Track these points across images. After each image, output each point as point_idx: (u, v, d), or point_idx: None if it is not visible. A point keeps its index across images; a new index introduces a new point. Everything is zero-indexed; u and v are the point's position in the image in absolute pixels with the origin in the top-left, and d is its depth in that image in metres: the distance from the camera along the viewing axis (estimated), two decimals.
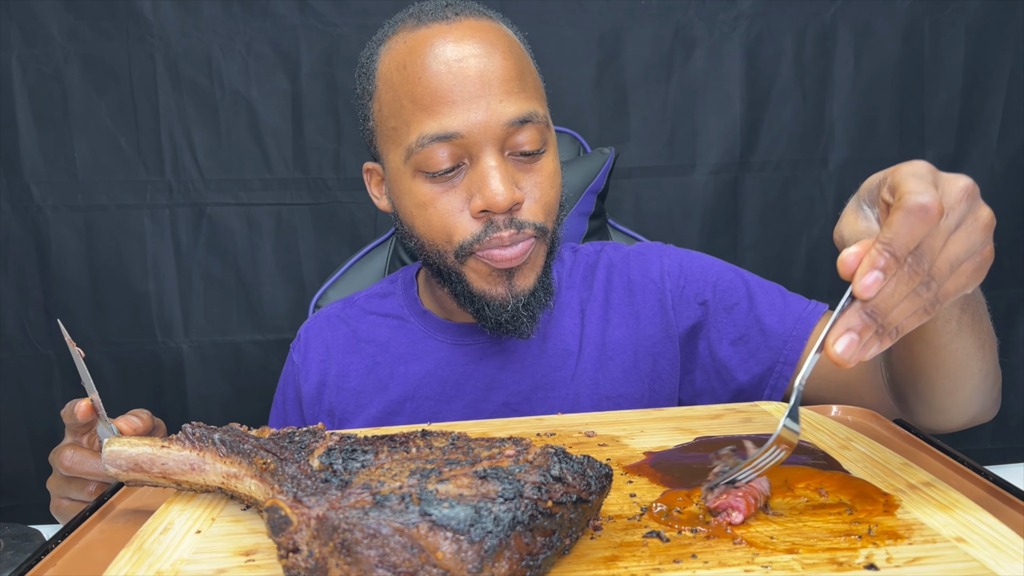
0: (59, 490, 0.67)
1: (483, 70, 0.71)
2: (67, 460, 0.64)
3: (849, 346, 0.44)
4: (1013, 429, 1.56)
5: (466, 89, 0.71)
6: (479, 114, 0.71)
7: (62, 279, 1.43)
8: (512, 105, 0.72)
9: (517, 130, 0.72)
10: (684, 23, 1.43)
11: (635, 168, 1.46)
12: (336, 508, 0.40)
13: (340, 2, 1.40)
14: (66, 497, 0.67)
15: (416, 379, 0.86)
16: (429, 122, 0.71)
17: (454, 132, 0.71)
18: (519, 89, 0.73)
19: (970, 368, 0.66)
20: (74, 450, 0.65)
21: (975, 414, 0.72)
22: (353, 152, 1.44)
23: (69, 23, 1.36)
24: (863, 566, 0.41)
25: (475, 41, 0.72)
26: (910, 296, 0.45)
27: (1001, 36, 1.45)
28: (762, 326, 0.83)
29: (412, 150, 0.73)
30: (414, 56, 0.73)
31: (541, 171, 0.75)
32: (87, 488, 0.65)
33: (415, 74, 0.72)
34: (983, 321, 0.65)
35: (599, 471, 0.45)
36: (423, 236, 0.77)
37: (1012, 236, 1.49)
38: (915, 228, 0.44)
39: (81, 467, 0.64)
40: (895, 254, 0.43)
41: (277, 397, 0.96)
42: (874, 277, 0.43)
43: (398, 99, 0.74)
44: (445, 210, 0.74)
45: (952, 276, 0.47)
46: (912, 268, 0.44)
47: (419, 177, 0.74)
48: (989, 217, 0.49)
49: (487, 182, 0.71)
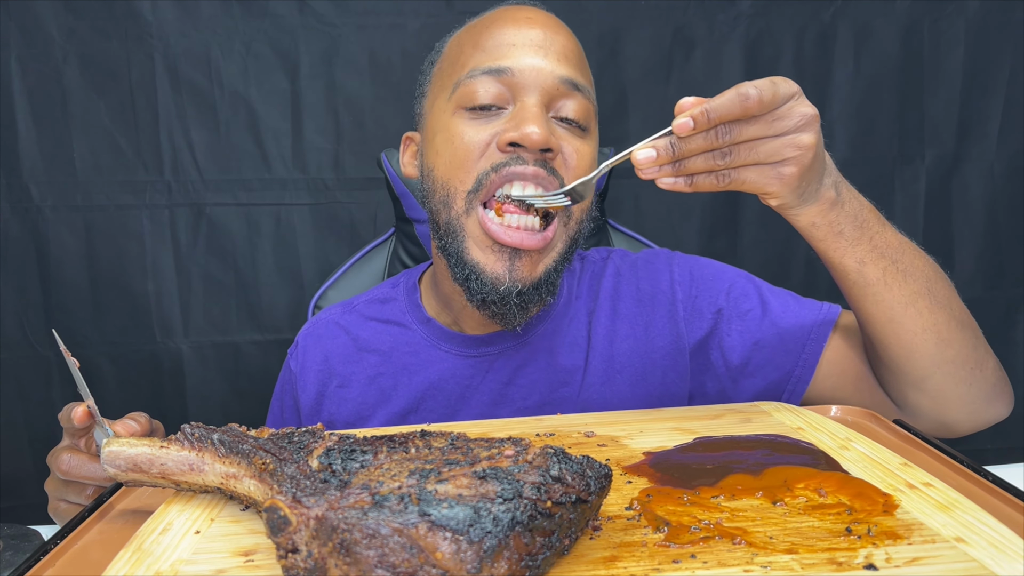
0: (57, 492, 0.67)
1: (547, 30, 0.74)
2: (64, 464, 0.64)
3: (648, 158, 0.58)
4: (1013, 429, 1.55)
5: (528, 37, 0.73)
6: (535, 60, 0.72)
7: (61, 279, 1.42)
8: (569, 68, 0.73)
9: (568, 93, 0.73)
10: (684, 23, 1.43)
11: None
12: (335, 508, 0.40)
13: (340, 2, 1.40)
14: (64, 500, 0.66)
15: (420, 391, 0.83)
16: (485, 59, 0.73)
17: (507, 67, 0.72)
18: (578, 63, 0.75)
19: (912, 325, 0.69)
20: (71, 454, 0.64)
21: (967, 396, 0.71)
22: (352, 152, 1.44)
23: (68, 23, 1.36)
24: (862, 566, 0.41)
25: (546, 17, 0.76)
26: (706, 157, 0.58)
27: (1001, 36, 1.45)
28: (778, 331, 0.81)
29: (460, 82, 0.73)
30: (485, 19, 0.76)
31: (581, 147, 0.74)
32: (85, 491, 0.65)
33: (482, 26, 0.75)
34: (905, 280, 0.68)
35: (598, 471, 0.45)
36: (441, 176, 0.74)
37: (1012, 236, 1.49)
38: (732, 106, 0.56)
39: (79, 471, 0.64)
40: (709, 116, 0.56)
41: (274, 404, 0.94)
42: (684, 121, 0.56)
43: (460, 47, 0.76)
44: (472, 141, 0.72)
45: (753, 159, 0.59)
46: (718, 134, 0.57)
47: (459, 113, 0.73)
48: (809, 116, 0.59)
49: (526, 117, 0.70)
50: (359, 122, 1.44)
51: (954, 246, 1.50)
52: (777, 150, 0.59)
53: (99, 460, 0.64)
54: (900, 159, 1.48)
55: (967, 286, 1.51)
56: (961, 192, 1.49)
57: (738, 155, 0.58)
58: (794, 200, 0.63)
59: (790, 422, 0.66)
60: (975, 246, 1.50)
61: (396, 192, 1.13)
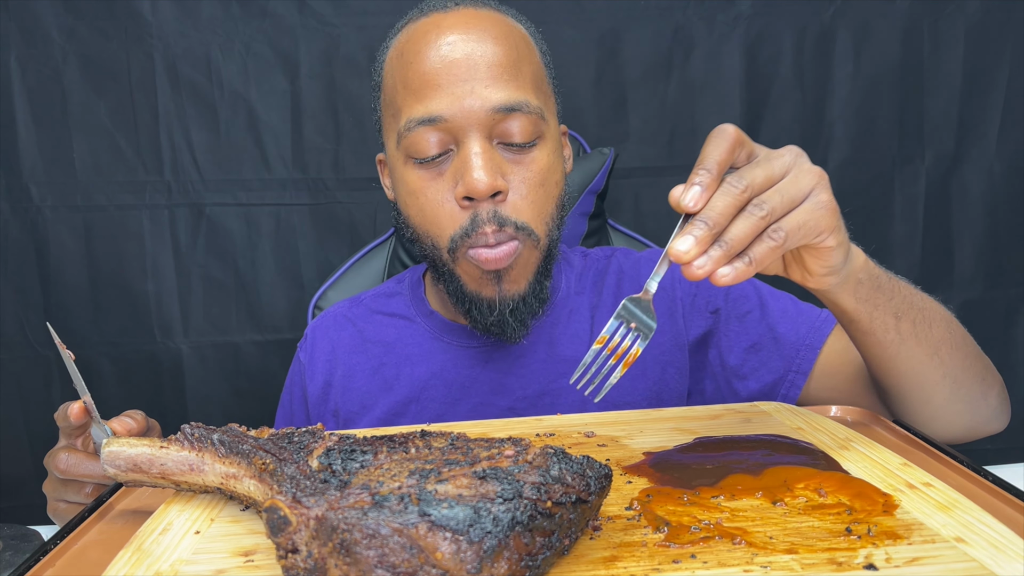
0: (55, 493, 0.67)
1: (471, 54, 0.71)
2: (62, 463, 0.64)
3: (690, 248, 0.48)
4: (1013, 429, 1.54)
5: (452, 72, 0.70)
6: (463, 98, 0.70)
7: (61, 280, 1.42)
8: (500, 91, 0.71)
9: (504, 117, 0.71)
10: (683, 23, 1.43)
11: (635, 168, 1.46)
12: (335, 508, 0.40)
13: (339, 2, 1.39)
14: (63, 500, 0.66)
15: (422, 381, 0.85)
16: (417, 106, 0.71)
17: (438, 115, 0.70)
18: (510, 77, 0.72)
19: (929, 376, 0.68)
20: (69, 453, 0.64)
21: (968, 424, 0.73)
22: (352, 152, 1.44)
23: (68, 23, 1.36)
24: (862, 566, 0.41)
25: (467, 28, 0.72)
26: (745, 216, 0.50)
27: (1000, 36, 1.45)
28: (775, 334, 0.82)
29: (401, 134, 0.73)
30: (410, 44, 0.74)
31: (531, 165, 0.73)
32: (83, 490, 0.65)
33: (408, 60, 0.73)
34: (930, 329, 0.67)
35: (598, 471, 0.45)
36: (417, 226, 0.77)
37: (1012, 236, 1.48)
38: (718, 144, 0.51)
39: (77, 470, 0.64)
40: (708, 169, 0.50)
41: (284, 396, 0.96)
42: (693, 191, 0.50)
43: (394, 85, 0.74)
44: (434, 198, 0.73)
45: (790, 208, 0.52)
46: (732, 184, 0.50)
47: (409, 163, 0.74)
48: (818, 169, 0.54)
49: (468, 167, 0.70)
50: (359, 122, 1.44)
51: (954, 246, 1.50)
52: (797, 180, 0.53)
53: (97, 458, 0.64)
54: (900, 159, 1.48)
55: (967, 286, 1.51)
56: (961, 192, 1.49)
57: (770, 200, 0.51)
58: (844, 240, 0.58)
59: (790, 422, 0.66)
60: (975, 246, 1.50)
61: None
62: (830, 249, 0.56)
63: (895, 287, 0.65)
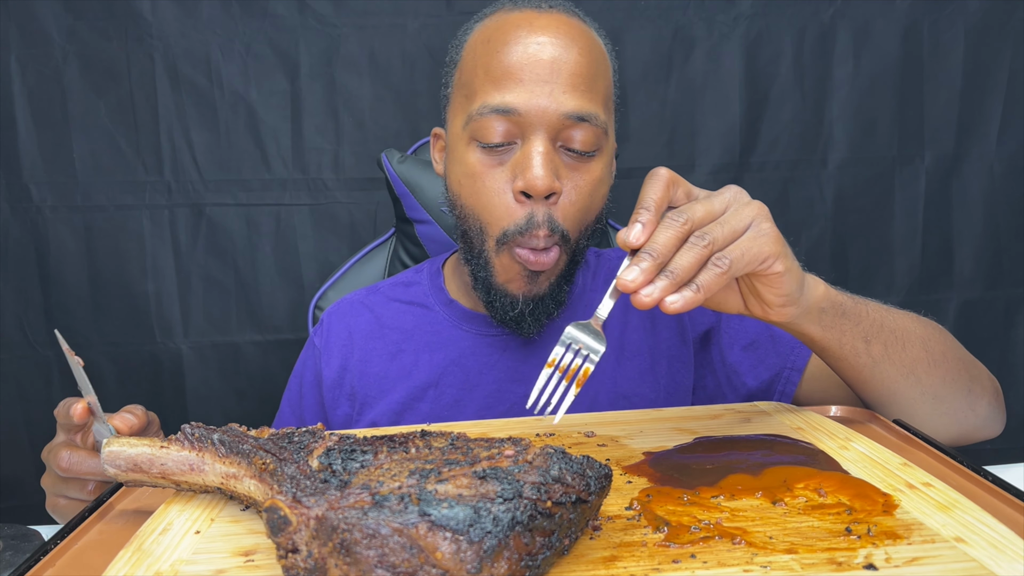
0: (55, 488, 0.66)
1: (556, 58, 0.74)
2: (64, 461, 0.64)
3: (636, 277, 0.52)
4: (1013, 429, 1.55)
5: (535, 71, 0.73)
6: (541, 98, 0.73)
7: (61, 280, 1.42)
8: (575, 99, 0.74)
9: (573, 125, 0.74)
10: (683, 23, 1.43)
11: (635, 168, 1.46)
12: (335, 508, 0.40)
13: (339, 2, 1.40)
14: (63, 496, 0.66)
15: (440, 367, 0.87)
16: (494, 94, 0.74)
17: (513, 108, 0.73)
18: (587, 88, 0.75)
19: (907, 394, 0.70)
20: (71, 451, 0.64)
21: (956, 433, 0.73)
22: (352, 152, 1.44)
23: (68, 24, 1.36)
24: (862, 566, 0.41)
25: (558, 32, 0.75)
26: (689, 247, 0.53)
27: (1001, 36, 1.45)
28: (771, 332, 0.85)
29: (472, 117, 0.76)
30: (499, 33, 0.76)
31: (586, 174, 0.77)
32: (86, 487, 0.65)
33: (495, 48, 0.76)
34: (904, 350, 0.68)
35: (599, 471, 0.45)
36: (469, 207, 0.78)
37: (1012, 236, 1.49)
38: (653, 185, 0.55)
39: (79, 467, 0.64)
40: (647, 208, 0.54)
41: (292, 381, 0.97)
42: (635, 228, 0.54)
43: (475, 68, 0.77)
44: (491, 185, 0.76)
45: (732, 238, 0.55)
46: (672, 218, 0.54)
47: (473, 146, 0.77)
48: (758, 203, 0.57)
49: (530, 164, 0.73)
50: (359, 122, 1.44)
51: (954, 246, 1.50)
52: (738, 212, 0.56)
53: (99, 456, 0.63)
54: (900, 159, 1.48)
55: (967, 286, 1.51)
56: (961, 192, 1.49)
57: (711, 232, 0.54)
58: (793, 266, 0.60)
59: (790, 422, 0.66)
60: (975, 246, 1.50)
61: (396, 192, 1.13)
62: (779, 275, 0.58)
63: (862, 312, 0.67)
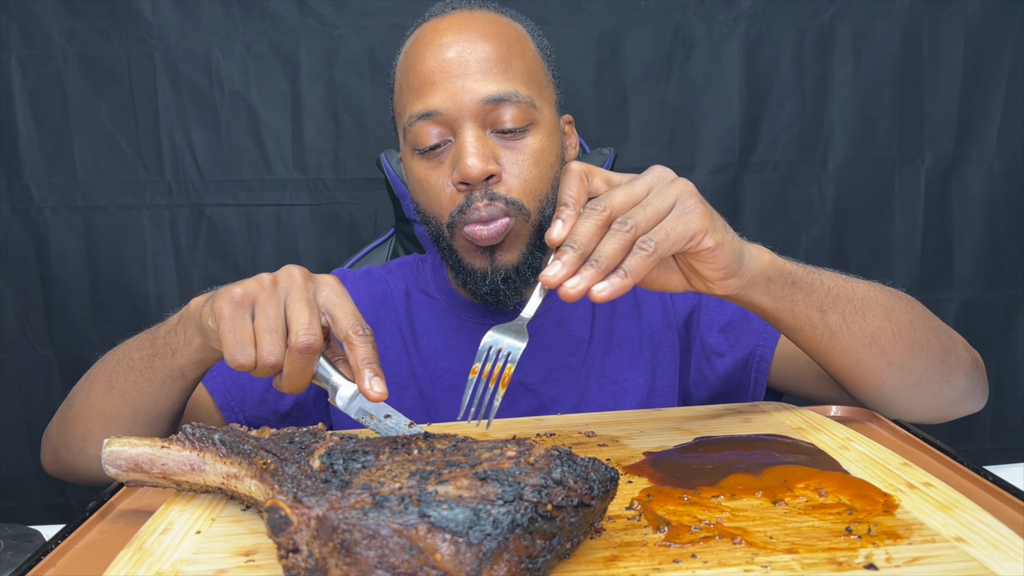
0: (235, 325, 0.59)
1: (462, 52, 0.78)
2: (322, 296, 0.59)
3: (558, 272, 0.52)
4: (1013, 429, 1.56)
5: (445, 70, 0.77)
6: (456, 92, 0.77)
7: (62, 280, 1.42)
8: (488, 84, 0.77)
9: (495, 107, 0.77)
10: (683, 23, 1.43)
11: (635, 168, 1.44)
12: (336, 508, 0.40)
13: (340, 2, 1.39)
14: (241, 333, 0.59)
15: (437, 352, 0.90)
16: (417, 102, 0.79)
17: (434, 109, 0.77)
18: (500, 71, 0.78)
19: (872, 364, 0.69)
20: (331, 289, 0.60)
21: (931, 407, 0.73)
22: (352, 152, 1.44)
23: (69, 24, 1.36)
24: (863, 566, 0.41)
25: (460, 29, 0.79)
26: (612, 234, 0.53)
27: (1000, 36, 1.45)
28: (745, 312, 0.86)
29: (406, 129, 0.80)
30: (412, 48, 0.82)
31: (523, 149, 0.79)
32: (284, 341, 0.58)
33: (410, 63, 0.81)
34: (863, 319, 0.68)
35: (603, 475, 0.45)
36: (424, 210, 0.83)
37: (1012, 236, 1.48)
38: (567, 180, 0.56)
39: (339, 304, 0.59)
40: (566, 204, 0.55)
41: None
42: (556, 225, 0.54)
43: (400, 87, 0.83)
44: (435, 184, 0.80)
45: (656, 220, 0.55)
46: (591, 208, 0.54)
47: (415, 156, 0.81)
48: (683, 181, 0.58)
49: (462, 155, 0.76)
50: (359, 122, 1.44)
51: (954, 246, 1.50)
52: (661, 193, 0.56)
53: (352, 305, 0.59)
54: (900, 159, 1.48)
55: (967, 286, 1.51)
56: (961, 192, 1.49)
57: (634, 216, 0.54)
58: (726, 239, 0.58)
59: (790, 422, 0.66)
60: (975, 246, 1.50)
61: (396, 192, 1.13)
62: (710, 250, 0.57)
63: (815, 281, 0.66)
